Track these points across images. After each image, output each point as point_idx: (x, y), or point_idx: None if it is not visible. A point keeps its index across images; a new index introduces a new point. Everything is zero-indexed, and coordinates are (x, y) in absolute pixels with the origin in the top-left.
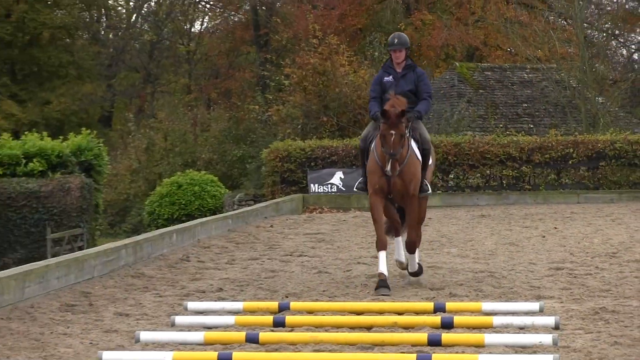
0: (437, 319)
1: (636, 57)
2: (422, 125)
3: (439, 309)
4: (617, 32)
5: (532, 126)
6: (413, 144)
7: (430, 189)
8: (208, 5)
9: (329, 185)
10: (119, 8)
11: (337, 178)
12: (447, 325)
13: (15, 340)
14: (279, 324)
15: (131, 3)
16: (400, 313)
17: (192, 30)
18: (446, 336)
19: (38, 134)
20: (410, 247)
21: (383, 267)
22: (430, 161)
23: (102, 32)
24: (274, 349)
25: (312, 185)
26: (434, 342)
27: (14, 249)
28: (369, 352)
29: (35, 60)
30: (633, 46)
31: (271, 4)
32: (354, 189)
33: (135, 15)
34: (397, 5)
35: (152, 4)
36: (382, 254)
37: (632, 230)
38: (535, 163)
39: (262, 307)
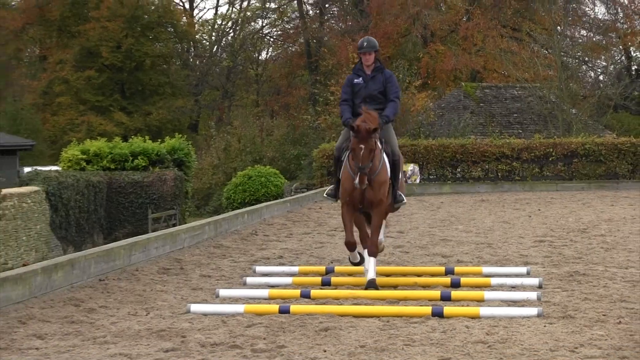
0: (447, 279)
1: (601, 78)
2: (392, 135)
3: (449, 271)
4: (586, 59)
5: (520, 131)
6: (384, 157)
7: (405, 199)
8: (272, 39)
9: None
10: (204, 41)
11: None
12: (456, 285)
13: (123, 295)
14: (326, 283)
15: (213, 37)
16: (419, 275)
17: (260, 57)
18: (455, 293)
19: (142, 137)
20: (372, 250)
21: (372, 271)
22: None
23: (191, 60)
24: (322, 302)
25: None
26: (446, 298)
27: (123, 226)
28: (395, 305)
29: (140, 81)
30: (599, 70)
31: (320, 38)
32: (324, 195)
33: (216, 46)
34: (417, 38)
35: (229, 37)
36: (355, 254)
37: (599, 212)
38: (523, 160)
39: (313, 270)
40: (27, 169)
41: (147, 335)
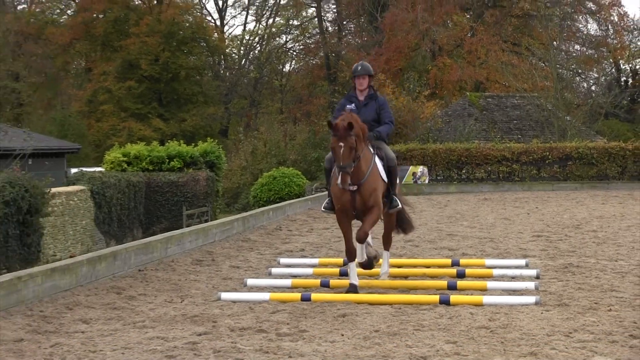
0: (453, 270)
1: (593, 89)
2: (385, 145)
3: (455, 263)
4: (580, 71)
5: (520, 137)
6: (378, 162)
7: (399, 204)
8: (295, 53)
9: None
10: (233, 54)
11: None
12: (461, 275)
13: (160, 284)
14: (343, 274)
15: (241, 51)
16: (427, 266)
17: (284, 70)
18: (460, 283)
19: (177, 142)
20: (361, 238)
21: (354, 279)
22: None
23: (221, 71)
24: (340, 291)
25: None
26: (452, 287)
27: (160, 221)
28: (406, 294)
29: (175, 91)
30: (591, 81)
31: (338, 52)
32: (322, 209)
33: (244, 59)
34: (426, 52)
35: (256, 51)
36: (353, 265)
37: (591, 210)
38: (522, 162)
39: (332, 262)
40: (73, 170)
41: (181, 320)
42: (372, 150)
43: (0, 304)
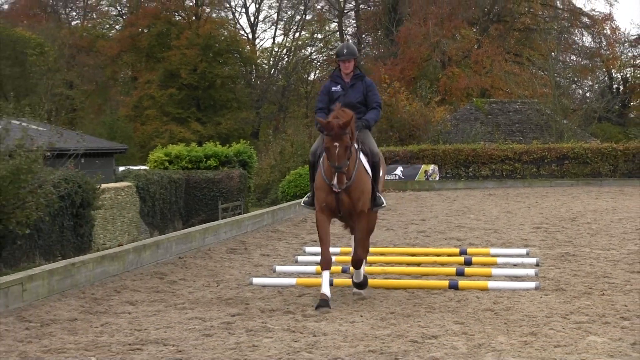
0: (461, 258)
1: (588, 95)
2: (370, 137)
3: (462, 252)
4: (575, 79)
5: (521, 138)
6: (363, 158)
7: (384, 201)
8: (318, 63)
9: (393, 175)
10: (264, 65)
11: (399, 170)
12: (468, 263)
13: (198, 270)
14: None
15: (271, 61)
16: (438, 255)
17: (309, 78)
18: (467, 270)
19: (213, 143)
20: (357, 264)
21: (326, 289)
22: (381, 172)
23: (253, 80)
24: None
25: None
26: (460, 274)
27: (198, 214)
28: (419, 279)
29: (212, 97)
30: (586, 88)
31: (357, 62)
32: (301, 204)
33: (273, 69)
34: (437, 62)
35: (284, 62)
36: (326, 274)
37: (585, 204)
38: (523, 161)
39: (352, 251)
40: (121, 168)
41: (217, 303)
42: (356, 146)
43: (56, 288)
